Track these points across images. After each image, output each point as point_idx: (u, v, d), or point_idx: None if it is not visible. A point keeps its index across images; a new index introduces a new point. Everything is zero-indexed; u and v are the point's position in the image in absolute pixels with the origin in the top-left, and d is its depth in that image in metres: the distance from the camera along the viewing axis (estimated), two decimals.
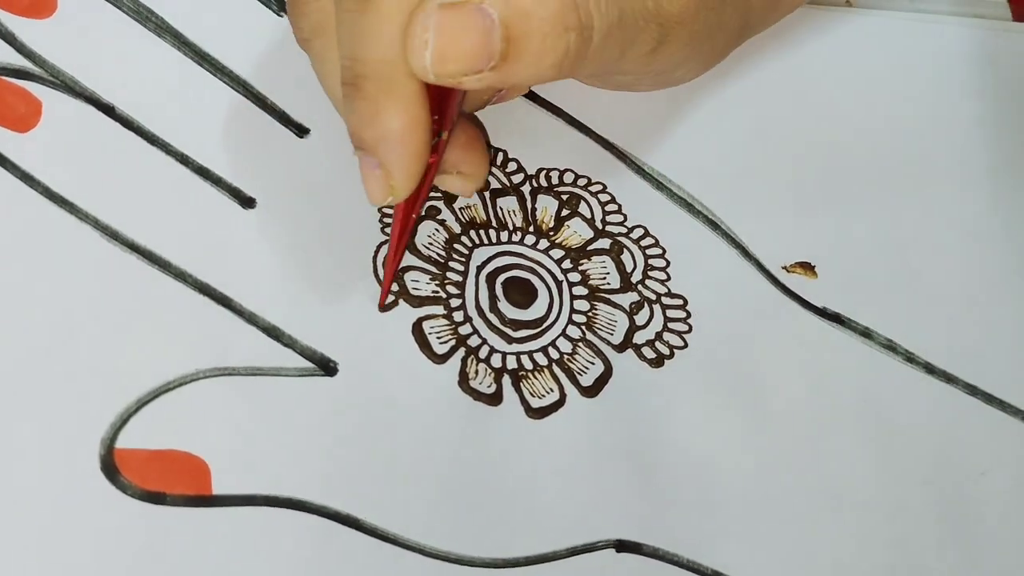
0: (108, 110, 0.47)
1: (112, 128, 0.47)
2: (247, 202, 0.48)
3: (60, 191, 0.46)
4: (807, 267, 0.52)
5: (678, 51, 0.43)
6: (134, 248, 0.46)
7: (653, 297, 0.50)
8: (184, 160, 0.48)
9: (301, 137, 0.50)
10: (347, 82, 0.40)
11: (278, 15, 0.51)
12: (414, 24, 0.37)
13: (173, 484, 0.43)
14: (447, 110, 0.41)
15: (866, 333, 0.52)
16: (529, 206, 0.50)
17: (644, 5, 0.41)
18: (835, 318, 0.52)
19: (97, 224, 0.46)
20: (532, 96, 0.53)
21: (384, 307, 0.47)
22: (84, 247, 0.45)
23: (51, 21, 0.48)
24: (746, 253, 0.52)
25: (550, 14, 0.38)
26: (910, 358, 0.52)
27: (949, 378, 0.52)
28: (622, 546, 0.46)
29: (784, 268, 0.52)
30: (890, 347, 0.52)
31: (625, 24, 0.40)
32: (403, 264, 0.48)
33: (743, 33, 0.47)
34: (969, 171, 0.56)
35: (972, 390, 0.52)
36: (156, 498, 0.43)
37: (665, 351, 0.49)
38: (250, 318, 0.46)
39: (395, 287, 0.48)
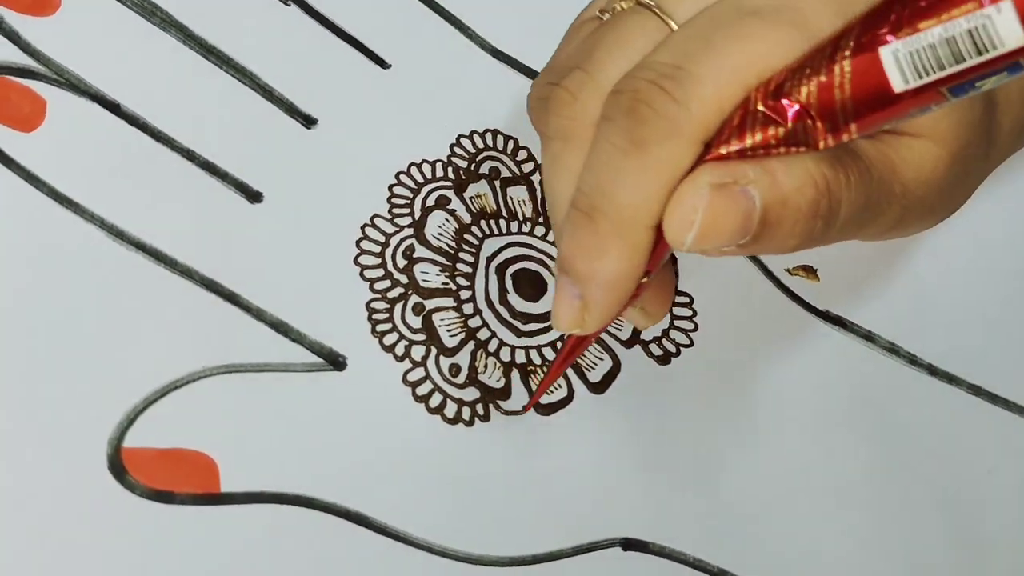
0: (113, 107, 0.47)
1: (117, 125, 0.47)
2: (254, 196, 0.48)
3: (65, 191, 0.45)
4: (809, 270, 0.52)
5: (914, 223, 0.42)
6: (140, 247, 0.45)
7: None
8: (190, 155, 0.47)
9: (308, 127, 0.49)
10: (580, 209, 0.38)
11: (285, 4, 0.51)
12: (685, 201, 0.36)
13: (181, 483, 0.43)
14: (658, 257, 0.39)
15: (868, 336, 0.52)
16: (539, 196, 0.50)
17: (891, 190, 0.39)
18: (837, 321, 0.52)
19: (103, 223, 0.45)
20: None
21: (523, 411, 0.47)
22: (89, 247, 0.45)
23: (54, 18, 0.48)
24: None
25: (806, 202, 0.36)
26: (913, 360, 0.52)
27: (952, 379, 0.52)
28: (629, 544, 0.46)
29: (787, 271, 0.52)
30: (892, 350, 0.52)
31: (869, 208, 0.39)
32: (414, 256, 0.48)
33: (981, 181, 0.45)
34: None
35: (975, 390, 0.52)
36: (164, 497, 0.42)
37: (672, 349, 0.49)
38: (257, 314, 0.46)
39: (405, 279, 0.48)
